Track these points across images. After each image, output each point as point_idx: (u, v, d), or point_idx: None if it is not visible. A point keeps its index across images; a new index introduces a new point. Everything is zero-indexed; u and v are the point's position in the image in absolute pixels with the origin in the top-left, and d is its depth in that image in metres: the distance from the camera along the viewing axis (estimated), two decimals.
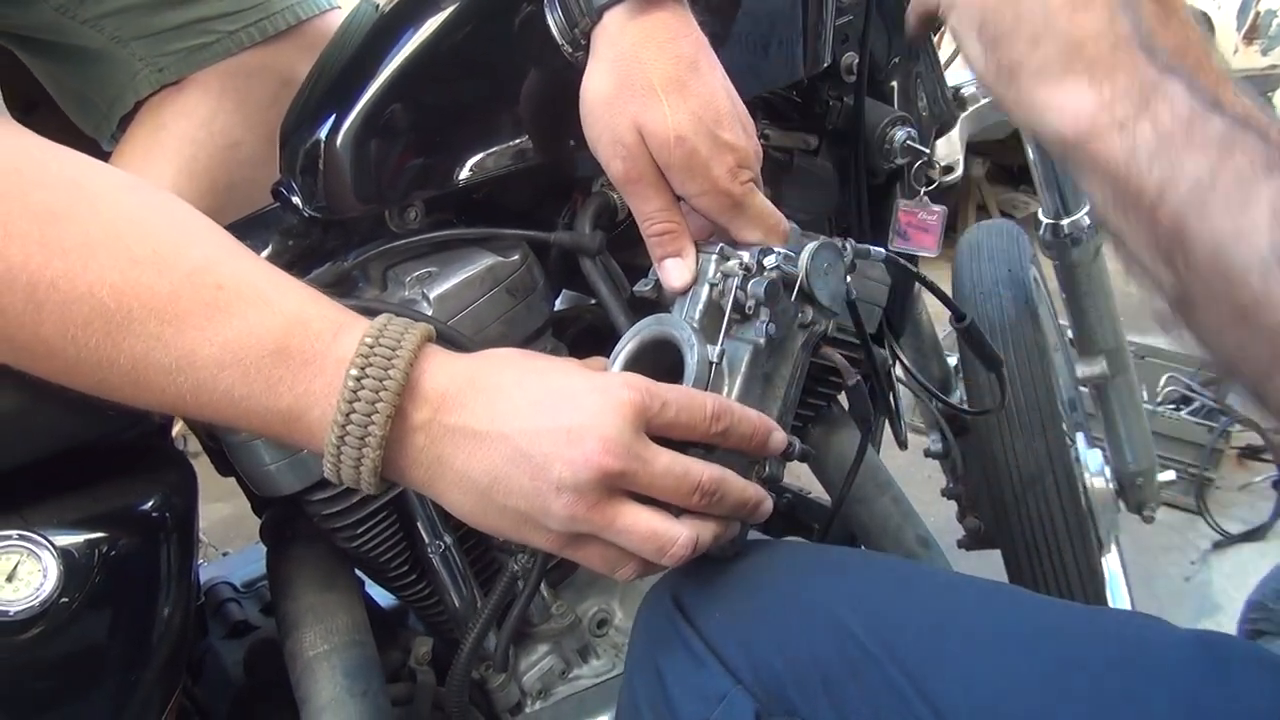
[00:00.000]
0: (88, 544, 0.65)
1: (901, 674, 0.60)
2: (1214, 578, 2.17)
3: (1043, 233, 1.44)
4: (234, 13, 1.04)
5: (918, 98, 1.04)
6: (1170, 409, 2.55)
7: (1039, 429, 1.28)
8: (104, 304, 0.53)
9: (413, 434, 0.58)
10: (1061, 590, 1.32)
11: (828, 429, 1.07)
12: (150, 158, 1.03)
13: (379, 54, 0.76)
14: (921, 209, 1.00)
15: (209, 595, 1.09)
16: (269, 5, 1.06)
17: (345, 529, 0.79)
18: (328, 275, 0.76)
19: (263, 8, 1.05)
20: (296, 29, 1.07)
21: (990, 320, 1.34)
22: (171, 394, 0.56)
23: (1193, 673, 0.58)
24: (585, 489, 0.57)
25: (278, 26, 1.06)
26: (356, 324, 0.58)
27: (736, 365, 0.68)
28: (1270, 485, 2.45)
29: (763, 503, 0.65)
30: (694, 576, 0.70)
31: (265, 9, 1.05)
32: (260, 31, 1.05)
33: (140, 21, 1.03)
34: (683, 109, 0.66)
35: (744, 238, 0.71)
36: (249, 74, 1.06)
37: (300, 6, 1.07)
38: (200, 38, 1.03)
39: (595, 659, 0.97)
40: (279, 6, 1.06)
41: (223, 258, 0.57)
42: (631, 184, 0.69)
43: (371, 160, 0.75)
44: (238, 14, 1.04)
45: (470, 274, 0.78)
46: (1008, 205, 4.25)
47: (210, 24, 1.03)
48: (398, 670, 0.94)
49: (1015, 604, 0.65)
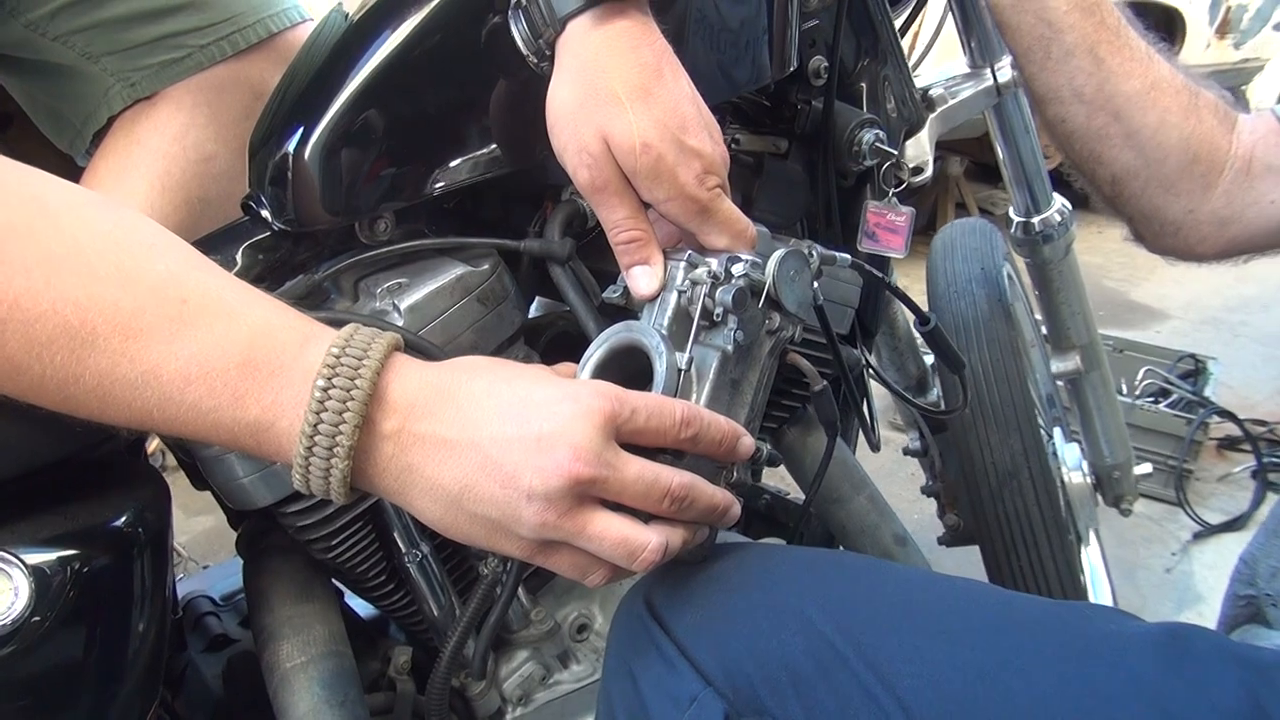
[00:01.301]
0: (59, 561, 0.65)
1: (869, 671, 0.60)
2: (1195, 568, 2.19)
3: (1014, 230, 1.46)
4: (205, 26, 1.04)
5: (886, 100, 1.05)
6: (1148, 402, 2.57)
7: (1014, 425, 1.29)
8: (67, 321, 0.53)
9: (382, 443, 0.58)
10: (1039, 584, 1.33)
11: (803, 430, 1.08)
12: (124, 173, 1.02)
13: (346, 66, 0.76)
14: (890, 210, 1.01)
15: (187, 609, 1.09)
16: (240, 19, 1.05)
17: (320, 540, 0.79)
18: (299, 288, 0.76)
19: (234, 21, 1.05)
20: (268, 42, 1.07)
21: (964, 318, 1.36)
22: (138, 409, 0.56)
23: (1156, 664, 0.59)
24: (556, 496, 0.57)
25: (249, 40, 1.05)
26: (323, 334, 0.58)
27: (705, 372, 0.68)
28: (1249, 475, 2.48)
29: (731, 507, 0.65)
30: (666, 580, 0.70)
31: (236, 23, 1.05)
32: (232, 45, 1.05)
33: (111, 37, 1.03)
34: (647, 116, 0.67)
35: (711, 244, 0.71)
36: (221, 87, 1.05)
37: (272, 20, 1.07)
38: (171, 52, 1.03)
39: (575, 664, 0.97)
40: (250, 20, 1.06)
41: (187, 271, 0.57)
42: (598, 192, 0.70)
43: (340, 172, 0.75)
44: (209, 28, 1.04)
45: (441, 284, 0.78)
46: (986, 202, 4.28)
47: (181, 38, 1.03)
48: (377, 679, 0.94)
49: (981, 599, 0.66)
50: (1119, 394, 2.05)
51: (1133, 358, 2.73)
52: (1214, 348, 2.93)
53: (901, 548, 1.11)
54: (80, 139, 1.10)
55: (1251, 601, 0.76)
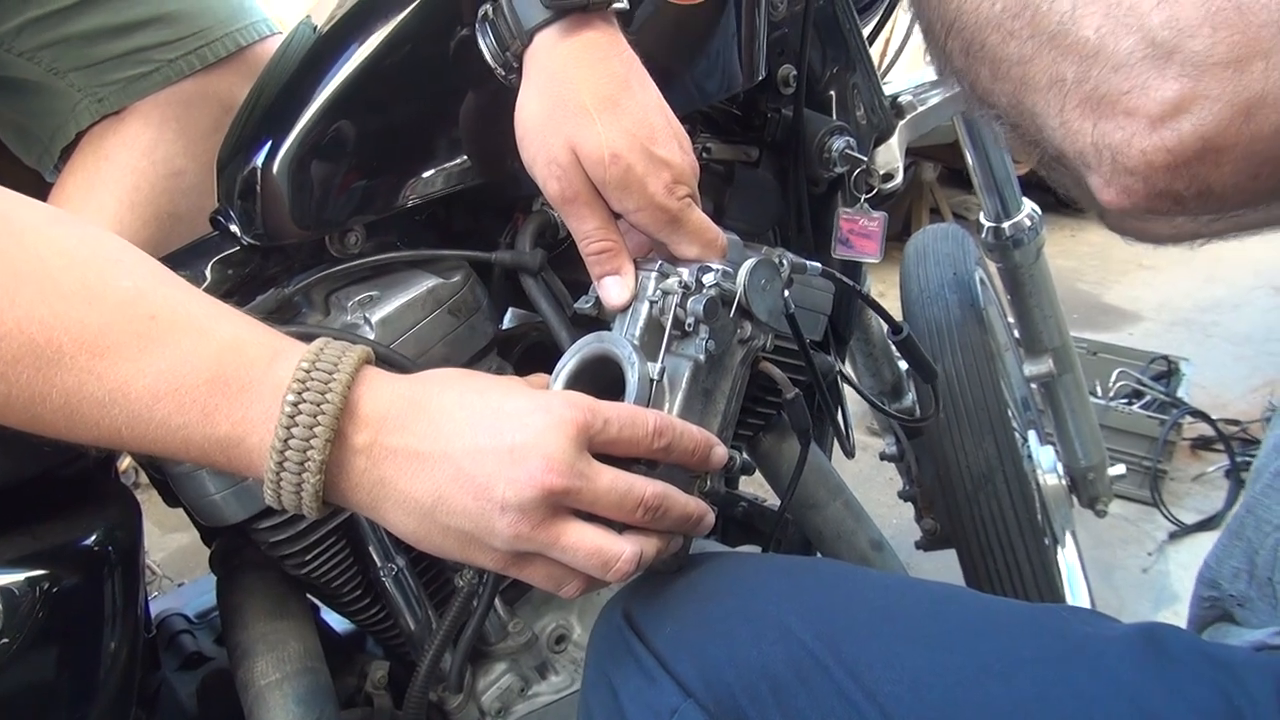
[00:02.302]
0: (28, 582, 0.64)
1: (848, 677, 0.61)
2: (1171, 568, 2.20)
3: (985, 236, 1.47)
4: (172, 41, 1.03)
5: (855, 107, 1.06)
6: (1122, 403, 2.59)
7: (988, 429, 1.30)
8: (33, 339, 0.53)
9: (354, 457, 0.57)
10: (1016, 587, 1.34)
11: (779, 437, 1.08)
12: (93, 189, 1.02)
13: (315, 79, 0.76)
14: (863, 216, 1.01)
15: (161, 627, 1.08)
16: (208, 33, 1.05)
17: (294, 556, 0.79)
18: (269, 302, 0.76)
19: (201, 35, 1.05)
20: (237, 55, 1.06)
21: (937, 323, 1.36)
22: (107, 427, 0.55)
23: (1135, 665, 0.59)
24: (529, 508, 0.57)
25: (217, 54, 1.05)
26: (293, 349, 0.58)
27: (677, 381, 0.68)
28: (1223, 475, 2.49)
29: (705, 516, 0.65)
30: (644, 591, 0.70)
31: (204, 36, 1.05)
32: (200, 59, 1.04)
33: (78, 52, 1.02)
34: (616, 127, 0.67)
35: (682, 253, 0.71)
36: (189, 102, 1.05)
37: (240, 33, 1.07)
38: (139, 67, 1.03)
39: (554, 675, 0.97)
40: (218, 34, 1.06)
41: (154, 287, 0.57)
42: (568, 203, 0.70)
43: (310, 185, 0.75)
44: (176, 42, 1.04)
45: (412, 296, 0.78)
46: (960, 208, 4.31)
47: (149, 53, 1.03)
48: (354, 695, 0.94)
49: (958, 603, 0.66)
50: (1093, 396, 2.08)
51: (1106, 360, 2.75)
52: (1186, 348, 2.96)
53: (878, 553, 1.11)
54: (48, 155, 1.09)
55: (1216, 603, 0.76)
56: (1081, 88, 0.62)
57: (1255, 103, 0.55)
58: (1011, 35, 0.66)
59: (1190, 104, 0.57)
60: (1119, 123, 0.60)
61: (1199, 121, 0.57)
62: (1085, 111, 0.62)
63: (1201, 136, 0.57)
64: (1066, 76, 0.62)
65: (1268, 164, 0.57)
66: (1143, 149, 0.59)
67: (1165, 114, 0.58)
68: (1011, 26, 0.65)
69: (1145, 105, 0.58)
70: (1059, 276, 1.58)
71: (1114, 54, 0.59)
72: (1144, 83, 0.58)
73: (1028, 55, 0.65)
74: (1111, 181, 0.62)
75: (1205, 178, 0.59)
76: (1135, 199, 0.61)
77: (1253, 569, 0.73)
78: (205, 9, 1.05)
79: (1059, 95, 0.63)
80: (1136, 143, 0.59)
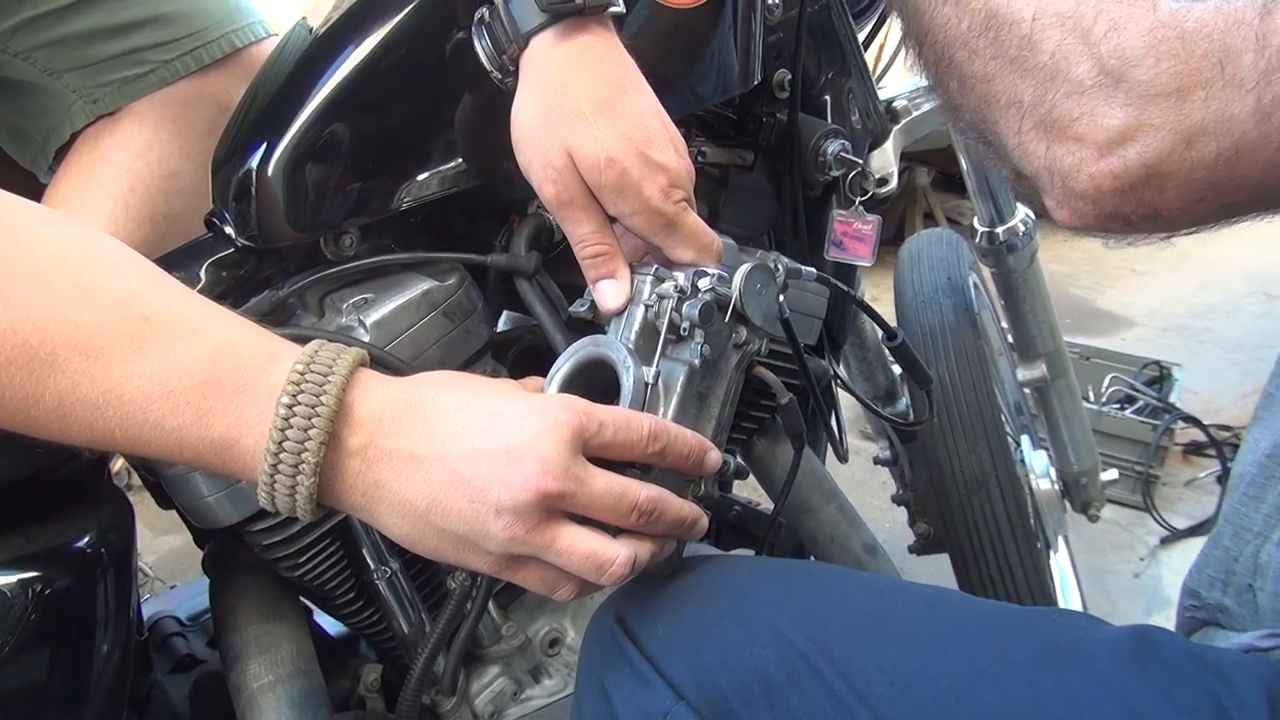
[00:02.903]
0: (20, 584, 0.64)
1: (841, 679, 0.61)
2: (1163, 573, 2.21)
3: (978, 241, 1.47)
4: (168, 42, 1.03)
5: (850, 111, 1.06)
6: (1115, 408, 2.60)
7: (981, 433, 1.30)
8: (26, 341, 0.52)
9: (348, 459, 0.57)
10: (1009, 591, 1.34)
11: (772, 441, 1.08)
12: (88, 190, 1.02)
13: (311, 81, 0.76)
14: (857, 219, 1.01)
15: (154, 629, 1.08)
16: (204, 34, 1.05)
17: (287, 558, 0.79)
18: (263, 304, 0.76)
19: (197, 36, 1.04)
20: (233, 57, 1.06)
21: (931, 327, 1.37)
22: (100, 429, 0.55)
23: (1125, 668, 0.60)
24: (524, 511, 0.57)
25: (213, 55, 1.05)
26: (288, 351, 0.58)
27: (672, 386, 0.68)
28: (1214, 480, 2.50)
29: (699, 521, 0.66)
30: (637, 595, 0.70)
31: (200, 38, 1.04)
32: (195, 60, 1.04)
33: (73, 53, 1.02)
34: (611, 130, 0.67)
35: (677, 257, 0.71)
36: (185, 103, 1.05)
37: (236, 35, 1.07)
38: (134, 68, 1.02)
39: (548, 679, 0.97)
40: (214, 35, 1.05)
41: (148, 289, 0.57)
42: (564, 207, 0.70)
43: (305, 188, 0.75)
44: (172, 43, 1.03)
45: (407, 299, 0.78)
46: (954, 212, 4.31)
47: (144, 54, 1.02)
48: (347, 698, 0.93)
49: (951, 606, 0.67)
50: (1085, 401, 2.08)
51: (1099, 365, 2.76)
52: (1178, 354, 2.97)
53: (872, 557, 1.11)
54: (43, 156, 1.09)
55: (1196, 611, 0.77)
56: (1037, 110, 0.64)
57: (1195, 131, 0.58)
58: (975, 54, 0.68)
59: (1135, 132, 0.59)
60: (1069, 148, 0.62)
61: (1143, 149, 0.59)
62: (1039, 134, 0.64)
63: (1145, 164, 0.59)
64: (1024, 98, 0.65)
65: (1209, 188, 0.60)
66: (1091, 174, 0.62)
67: (1112, 141, 0.60)
68: (976, 45, 0.67)
69: (1094, 133, 0.61)
70: (1052, 281, 1.58)
71: (1068, 78, 0.62)
72: (1093, 110, 0.61)
73: (990, 74, 0.67)
74: (1063, 204, 0.64)
75: (1151, 201, 0.61)
76: (1086, 220, 0.64)
77: (1229, 576, 0.73)
78: (201, 10, 1.05)
79: (1017, 116, 0.66)
80: (1085, 168, 0.62)
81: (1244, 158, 0.57)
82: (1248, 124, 0.56)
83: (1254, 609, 0.72)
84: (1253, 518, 0.73)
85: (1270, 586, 0.70)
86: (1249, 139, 0.57)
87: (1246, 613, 0.72)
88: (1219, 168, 0.58)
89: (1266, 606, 0.70)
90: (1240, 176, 0.58)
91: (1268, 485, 0.73)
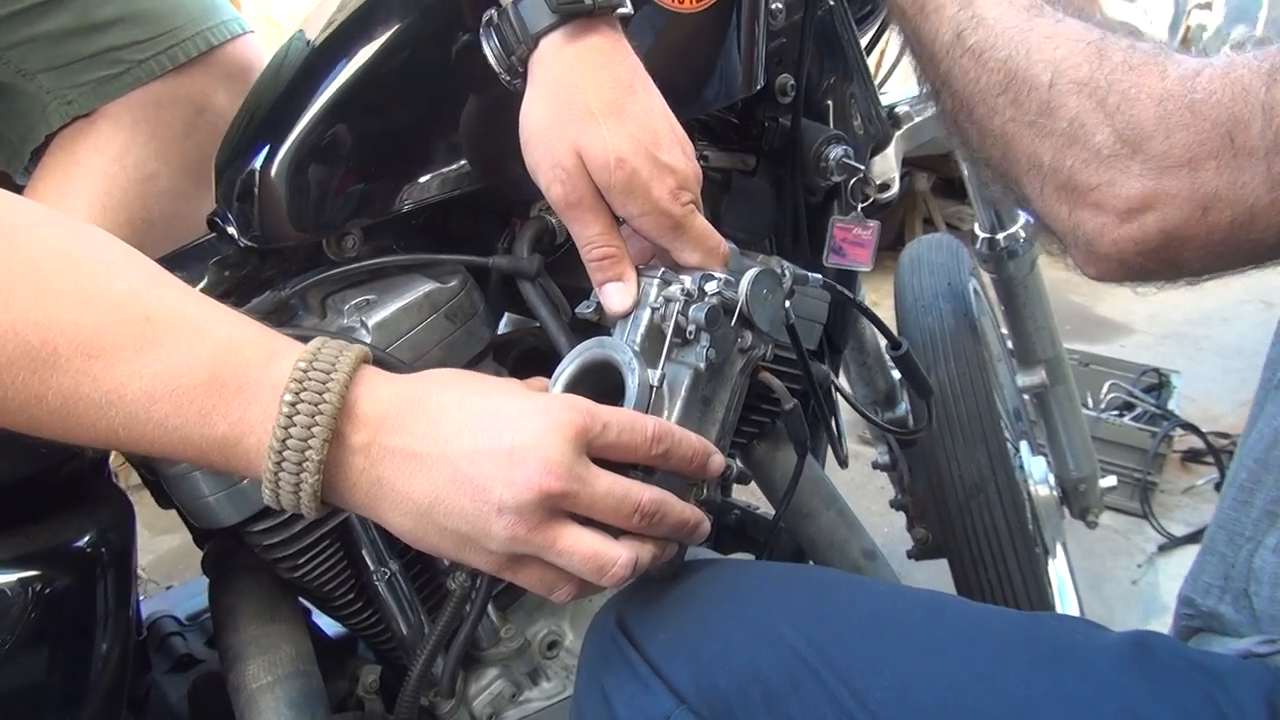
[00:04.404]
0: (20, 583, 0.64)
1: (840, 683, 0.61)
2: (1161, 580, 2.21)
3: (979, 246, 1.47)
4: (142, 41, 1.02)
5: (853, 117, 1.06)
6: (1113, 415, 2.60)
7: (980, 439, 1.30)
8: (28, 342, 0.52)
9: (352, 456, 0.57)
10: (1007, 596, 1.34)
11: (773, 445, 1.08)
12: (64, 194, 1.00)
13: (314, 82, 0.76)
14: (857, 224, 1.01)
15: (152, 629, 1.07)
16: (178, 32, 1.03)
17: (287, 559, 0.78)
18: (265, 304, 0.76)
19: (172, 35, 1.03)
20: (208, 56, 1.05)
21: (931, 333, 1.37)
22: (103, 429, 0.55)
23: (1123, 672, 0.60)
24: (526, 510, 0.57)
25: (188, 53, 1.03)
26: (290, 349, 0.58)
27: (677, 389, 0.68)
28: (1213, 488, 2.50)
29: (701, 524, 0.65)
30: (637, 598, 0.70)
31: (175, 36, 1.03)
32: (170, 59, 1.02)
33: (46, 53, 1.00)
34: (621, 131, 0.67)
35: (684, 260, 0.71)
36: (160, 104, 1.03)
37: (211, 32, 1.05)
38: (109, 68, 1.01)
39: (546, 681, 0.97)
40: (189, 33, 1.04)
41: (149, 288, 0.57)
42: (572, 208, 0.70)
43: (308, 188, 0.75)
44: (147, 42, 1.02)
45: (409, 300, 0.78)
46: (953, 218, 4.32)
47: (118, 53, 1.01)
48: (345, 699, 0.93)
49: (949, 611, 0.67)
50: (1084, 407, 2.08)
51: (1097, 371, 2.76)
52: (1177, 361, 2.97)
53: (871, 562, 1.11)
54: (18, 158, 1.07)
55: (1191, 620, 0.77)
56: (1057, 175, 0.67)
57: (1210, 199, 0.61)
58: (995, 112, 0.71)
59: (1154, 202, 0.63)
60: (1090, 214, 0.66)
61: (1162, 217, 0.63)
62: (1061, 197, 0.68)
63: (1164, 230, 0.63)
64: (1044, 161, 0.68)
65: (1227, 247, 0.63)
66: (1113, 239, 0.65)
67: (1132, 210, 0.64)
68: (995, 103, 0.70)
69: (1114, 202, 0.64)
70: (1052, 288, 1.58)
71: (1086, 145, 0.65)
72: (1111, 179, 0.64)
73: (1010, 134, 0.70)
74: (1089, 262, 0.69)
75: (1173, 260, 0.65)
76: (1112, 276, 0.69)
77: (1226, 583, 0.74)
78: (176, 8, 1.04)
79: (1038, 177, 0.69)
80: (1107, 234, 0.65)
81: (1259, 221, 0.60)
82: (1260, 190, 0.59)
83: (1251, 615, 0.72)
84: (1243, 522, 0.73)
85: (1266, 592, 0.70)
86: (1262, 204, 0.60)
87: (1244, 619, 0.72)
88: (1235, 231, 0.61)
89: (1263, 612, 0.71)
90: (1256, 238, 0.61)
91: (1255, 490, 0.73)
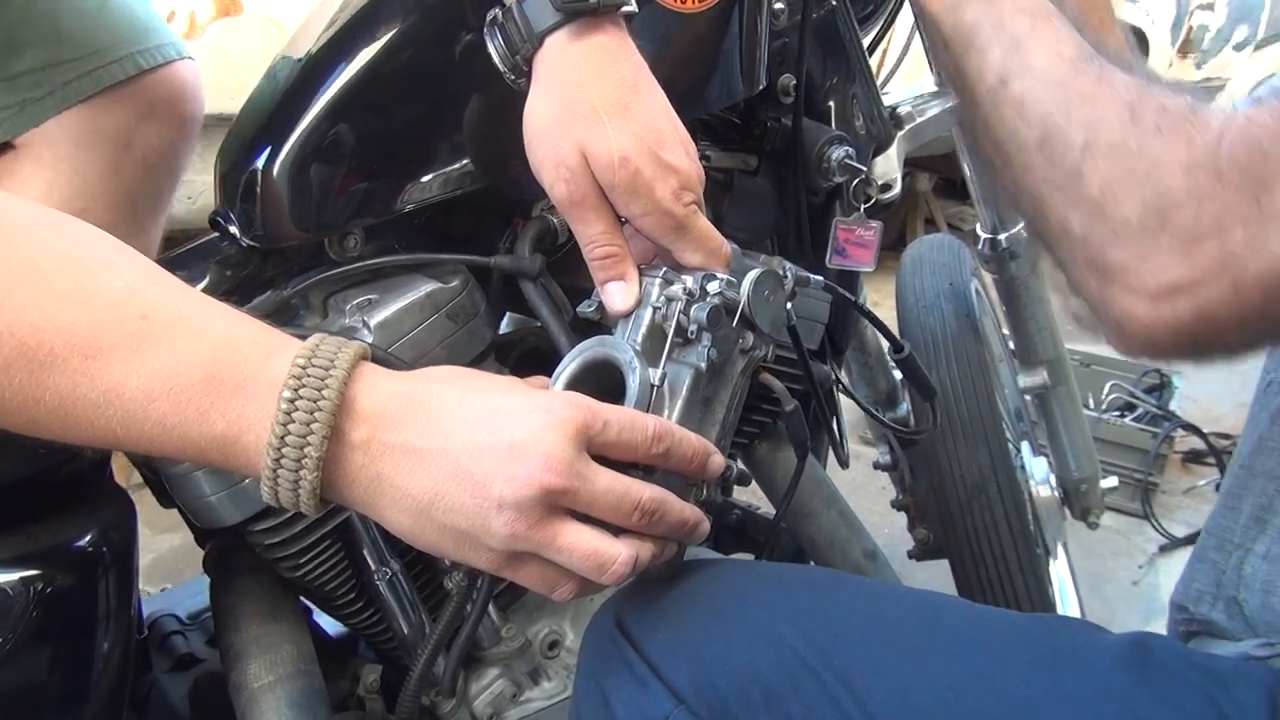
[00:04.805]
0: (22, 582, 0.64)
1: (839, 683, 0.61)
2: (1161, 580, 2.21)
3: (981, 247, 1.47)
4: (67, 61, 0.96)
5: (855, 117, 1.06)
6: (1114, 416, 2.60)
7: (982, 439, 1.30)
8: (25, 343, 0.52)
9: (351, 453, 0.57)
10: (1008, 597, 1.34)
11: (774, 446, 1.08)
12: None
13: (316, 83, 0.76)
14: (859, 225, 1.01)
15: (153, 628, 1.08)
16: (105, 53, 0.97)
17: (289, 558, 0.78)
18: (267, 304, 0.76)
19: (98, 56, 0.96)
20: (138, 80, 0.98)
21: (932, 333, 1.37)
22: (102, 428, 0.55)
23: (1123, 674, 0.60)
24: (526, 506, 0.57)
25: (115, 76, 0.97)
26: (288, 346, 0.58)
27: (677, 388, 0.68)
28: (1213, 488, 2.50)
29: (700, 524, 0.65)
30: (637, 598, 0.70)
31: (101, 57, 0.96)
32: (96, 81, 0.96)
33: None
34: (625, 130, 0.67)
35: (686, 260, 0.71)
36: (80, 141, 0.97)
37: (142, 55, 0.98)
38: (30, 90, 0.95)
39: (547, 681, 0.97)
40: (117, 54, 0.97)
41: (146, 287, 0.56)
42: (575, 207, 0.70)
43: (310, 188, 0.75)
44: (71, 63, 0.96)
45: (410, 300, 0.78)
46: (955, 218, 4.32)
47: (37, 75, 0.95)
48: (346, 698, 0.93)
49: (949, 612, 0.67)
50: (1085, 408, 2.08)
51: (1099, 372, 2.76)
52: None
53: (872, 562, 1.11)
54: None
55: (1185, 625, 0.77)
56: (1087, 248, 0.65)
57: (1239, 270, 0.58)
58: (1029, 169, 0.69)
59: (1185, 284, 0.60)
60: (1120, 293, 0.63)
61: (1195, 301, 0.60)
62: (1090, 272, 0.65)
63: (1198, 313, 0.60)
64: (1074, 229, 0.66)
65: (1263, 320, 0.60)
66: (1145, 324, 0.63)
67: (1163, 293, 0.61)
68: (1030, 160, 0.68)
69: (1144, 284, 0.62)
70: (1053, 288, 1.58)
71: (1114, 217, 0.63)
72: (1140, 258, 0.62)
73: (1042, 195, 0.68)
74: (1120, 341, 0.66)
75: (1207, 340, 0.62)
76: (1144, 355, 0.66)
77: (1218, 590, 0.74)
78: (102, 26, 0.98)
79: (1068, 245, 0.67)
80: (1139, 316, 0.63)
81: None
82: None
83: (1243, 621, 0.72)
84: (1232, 529, 0.74)
85: (1257, 599, 0.71)
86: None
87: (1236, 625, 0.73)
88: (1270, 304, 0.59)
89: (1254, 618, 0.71)
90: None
91: (1243, 495, 0.73)
